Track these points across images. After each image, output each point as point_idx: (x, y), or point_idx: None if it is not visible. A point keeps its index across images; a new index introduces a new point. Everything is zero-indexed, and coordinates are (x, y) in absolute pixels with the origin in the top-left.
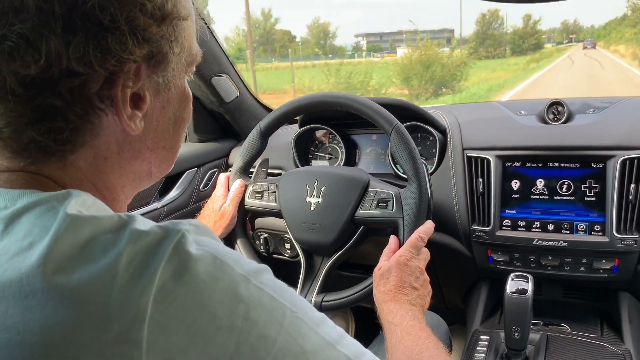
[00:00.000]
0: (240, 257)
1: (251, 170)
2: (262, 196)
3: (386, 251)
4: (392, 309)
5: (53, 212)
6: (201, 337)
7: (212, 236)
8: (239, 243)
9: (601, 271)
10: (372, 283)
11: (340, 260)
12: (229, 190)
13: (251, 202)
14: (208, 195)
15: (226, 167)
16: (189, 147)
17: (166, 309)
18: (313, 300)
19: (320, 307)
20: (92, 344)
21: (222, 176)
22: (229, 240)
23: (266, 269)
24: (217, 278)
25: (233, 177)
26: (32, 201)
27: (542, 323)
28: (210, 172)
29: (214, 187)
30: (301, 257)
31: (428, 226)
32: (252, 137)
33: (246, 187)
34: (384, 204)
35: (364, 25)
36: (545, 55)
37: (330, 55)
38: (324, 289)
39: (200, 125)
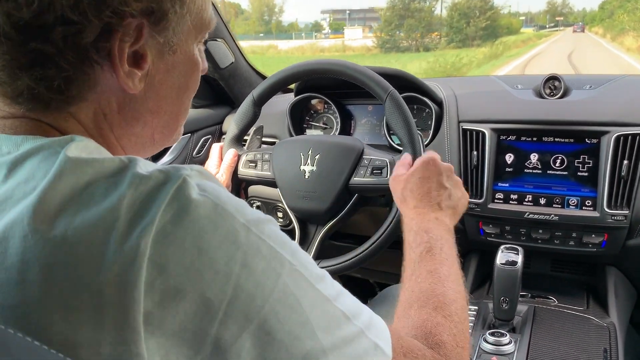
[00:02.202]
0: (243, 205)
1: (245, 138)
2: (255, 165)
3: (400, 164)
4: (412, 226)
5: (55, 156)
6: (198, 280)
7: (216, 182)
8: None
9: (590, 245)
10: (366, 249)
11: (335, 229)
12: (222, 160)
13: (245, 171)
14: (201, 162)
15: (220, 134)
16: None
17: (165, 250)
18: None
19: None
20: (92, 284)
21: (215, 146)
22: None
23: (270, 220)
24: (217, 224)
25: (226, 147)
26: (35, 146)
27: (529, 295)
28: (203, 138)
29: (207, 153)
30: (295, 226)
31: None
32: (245, 106)
33: (239, 156)
34: (379, 171)
35: (332, 1)
36: (515, 44)
37: (274, 35)
38: (318, 257)
39: None
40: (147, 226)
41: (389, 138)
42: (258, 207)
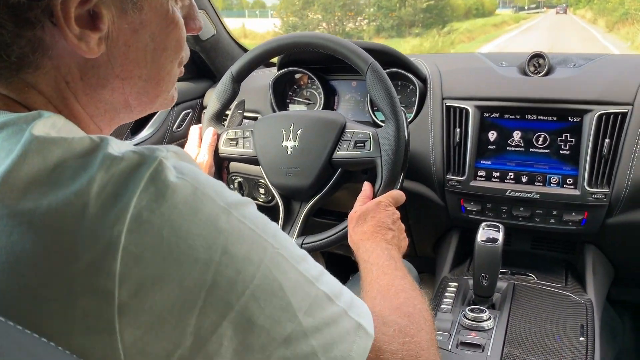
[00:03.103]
0: (222, 188)
1: (226, 113)
2: (236, 143)
3: (361, 197)
4: (368, 247)
5: (21, 134)
6: (177, 269)
7: (192, 163)
8: None
9: (570, 223)
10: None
11: (319, 205)
12: (202, 140)
13: (226, 149)
14: (182, 137)
15: (201, 108)
16: None
17: (141, 239)
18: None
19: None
20: (61, 273)
21: (194, 128)
22: None
23: (249, 202)
24: (196, 209)
25: (205, 126)
26: None
27: (509, 272)
28: (184, 112)
29: (187, 128)
30: (279, 203)
31: (401, 194)
32: (224, 82)
33: (220, 134)
34: (362, 144)
35: None
36: (483, 28)
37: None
38: (303, 233)
39: None
40: (121, 213)
41: (372, 115)
42: (240, 184)
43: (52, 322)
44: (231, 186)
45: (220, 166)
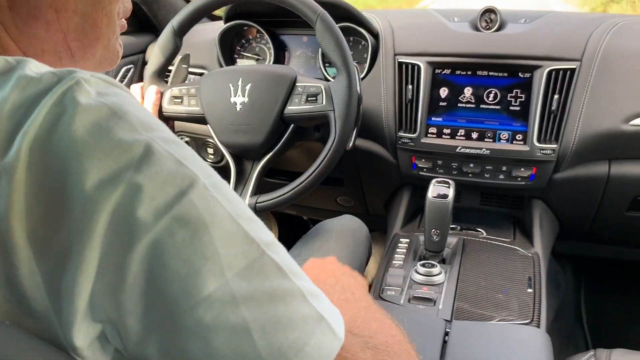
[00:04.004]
0: (152, 121)
1: (169, 68)
2: (181, 101)
3: None
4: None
5: None
6: (63, 206)
7: (128, 92)
8: None
9: (519, 179)
10: (304, 180)
11: (272, 163)
12: (144, 99)
13: (170, 108)
14: None
15: (143, 63)
16: None
17: (36, 164)
18: (247, 202)
19: (254, 209)
20: None
21: (135, 87)
22: None
23: (181, 143)
24: (107, 131)
25: (147, 83)
26: None
27: (459, 228)
28: (125, 67)
29: (129, 85)
30: (230, 163)
31: None
32: (165, 37)
33: (163, 92)
34: (314, 98)
35: None
36: None
37: None
38: (256, 192)
39: None
40: (25, 133)
41: (324, 71)
42: (187, 143)
43: None
44: None
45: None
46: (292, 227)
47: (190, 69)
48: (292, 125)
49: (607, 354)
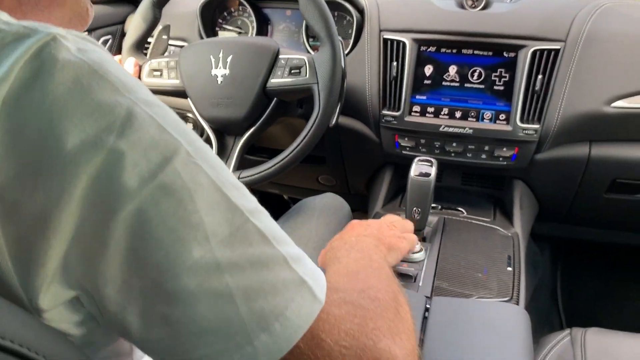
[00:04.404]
0: (136, 84)
1: (149, 41)
2: (161, 74)
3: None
4: (334, 245)
5: None
6: (40, 167)
7: (107, 53)
8: None
9: (501, 159)
10: (288, 155)
11: (254, 139)
12: None
13: (149, 81)
14: None
15: (121, 35)
16: None
17: (9, 120)
18: None
19: None
20: None
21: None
22: None
23: (167, 108)
24: (89, 90)
25: (125, 55)
26: None
27: (440, 207)
28: (103, 38)
29: None
30: (212, 137)
31: (411, 225)
32: (143, 8)
33: (142, 65)
34: (297, 71)
35: None
36: None
37: None
38: (239, 168)
39: None
40: None
41: (307, 46)
42: None
43: None
44: None
45: None
46: (272, 207)
47: (170, 42)
48: (274, 99)
49: (582, 333)
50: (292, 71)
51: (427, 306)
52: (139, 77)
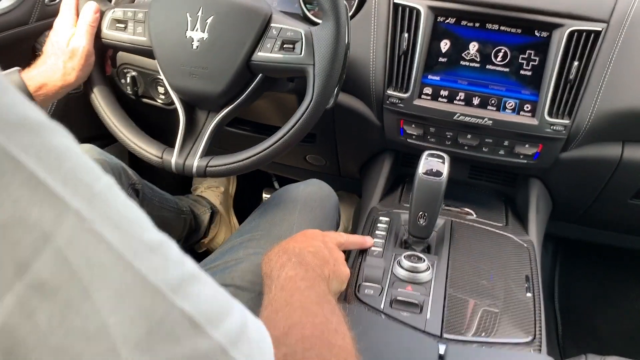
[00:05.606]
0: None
1: None
2: (125, 27)
3: None
4: (270, 258)
5: None
6: None
7: None
8: (96, 92)
9: (522, 157)
10: (268, 147)
11: (230, 117)
12: (78, 17)
13: (111, 34)
14: (56, 13)
15: None
16: None
17: None
18: (195, 164)
19: (204, 173)
20: None
21: (68, 1)
22: (86, 87)
23: (58, 130)
24: None
25: None
26: None
27: (444, 205)
28: None
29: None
30: (180, 111)
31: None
32: None
33: (104, 12)
34: (290, 46)
35: None
36: None
37: None
38: (208, 152)
39: None
40: None
41: (303, 7)
42: (134, 78)
43: None
44: (122, 80)
45: (103, 55)
46: (253, 182)
47: None
48: (260, 75)
49: None
50: (285, 45)
51: (440, 353)
52: (99, 27)
